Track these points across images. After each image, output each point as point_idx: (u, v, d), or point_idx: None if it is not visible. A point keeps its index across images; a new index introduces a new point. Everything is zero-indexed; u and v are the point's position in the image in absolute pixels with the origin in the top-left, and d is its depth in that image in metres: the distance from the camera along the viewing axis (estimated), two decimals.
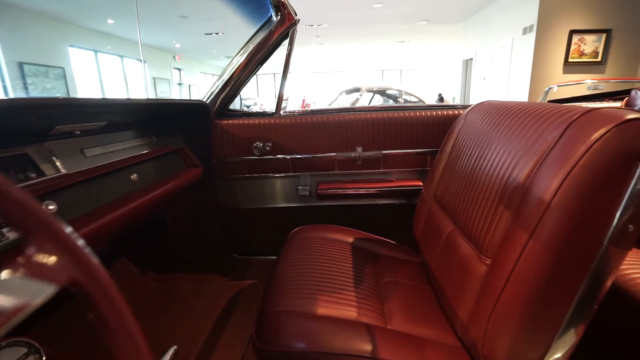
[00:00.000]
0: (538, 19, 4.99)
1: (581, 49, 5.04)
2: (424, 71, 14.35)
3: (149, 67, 9.74)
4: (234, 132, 1.28)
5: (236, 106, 1.42)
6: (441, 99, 9.10)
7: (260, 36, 1.19)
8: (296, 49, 1.34)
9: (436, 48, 11.32)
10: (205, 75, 13.53)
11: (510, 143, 0.66)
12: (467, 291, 0.67)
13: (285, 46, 1.24)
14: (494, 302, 0.57)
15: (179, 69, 11.63)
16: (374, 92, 6.11)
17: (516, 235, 0.56)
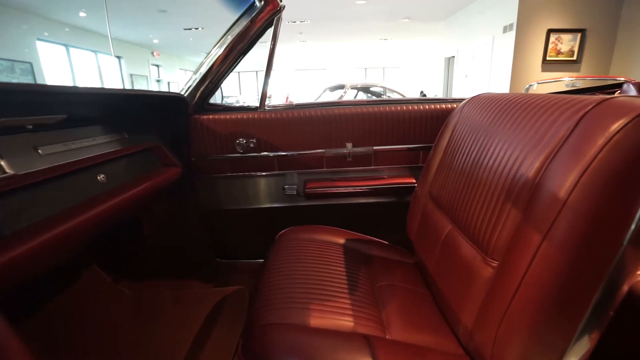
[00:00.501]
0: (518, 18, 5.08)
1: (558, 47, 5.17)
2: (406, 69, 14.49)
3: (125, 63, 9.45)
4: (215, 127, 1.20)
5: (217, 100, 1.34)
6: (424, 96, 9.20)
7: (242, 24, 1.11)
8: (279, 46, 1.27)
9: (418, 46, 11.43)
10: (185, 72, 13.23)
11: (516, 136, 0.61)
12: (471, 295, 0.62)
13: (268, 43, 1.17)
14: (504, 307, 0.53)
15: (157, 65, 11.32)
16: (358, 89, 6.09)
17: (527, 236, 0.51)
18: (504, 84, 5.46)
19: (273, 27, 1.14)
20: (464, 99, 1.00)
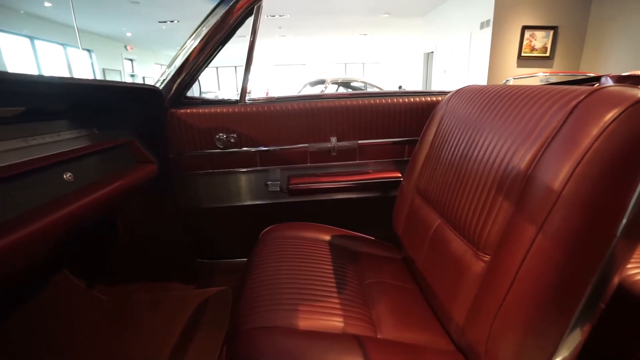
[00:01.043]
0: (494, 14, 5.19)
1: (532, 44, 5.32)
2: (386, 64, 14.60)
3: (97, 57, 9.06)
4: (192, 122, 1.14)
5: (195, 94, 1.27)
6: None
7: (219, 13, 1.05)
8: (258, 40, 1.22)
9: (398, 41, 11.52)
10: (161, 67, 12.83)
11: (506, 128, 0.60)
12: (462, 290, 0.61)
13: (247, 37, 1.11)
14: (498, 302, 0.51)
15: (131, 59, 10.91)
16: (339, 84, 6.08)
17: (521, 229, 0.50)
18: (481, 79, 5.58)
19: (253, 16, 1.09)
20: (449, 92, 0.99)
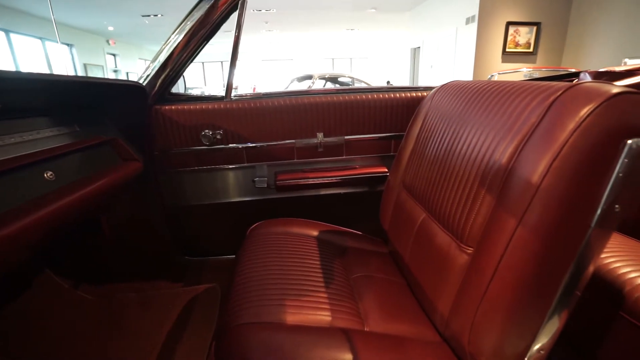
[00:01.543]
0: (479, 10, 5.25)
1: (516, 39, 5.41)
2: (373, 59, 14.61)
3: (77, 52, 8.78)
4: (178, 119, 1.12)
5: (180, 90, 1.25)
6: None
7: (203, 8, 1.04)
8: (244, 35, 1.20)
9: (385, 36, 11.54)
10: (146, 62, 12.55)
11: (488, 123, 0.61)
12: (447, 283, 0.62)
13: (233, 31, 1.10)
14: (481, 293, 0.53)
15: (114, 54, 10.63)
16: (326, 80, 6.06)
17: (502, 222, 0.52)
18: (467, 73, 5.65)
19: (238, 11, 1.08)
20: (434, 87, 1.00)
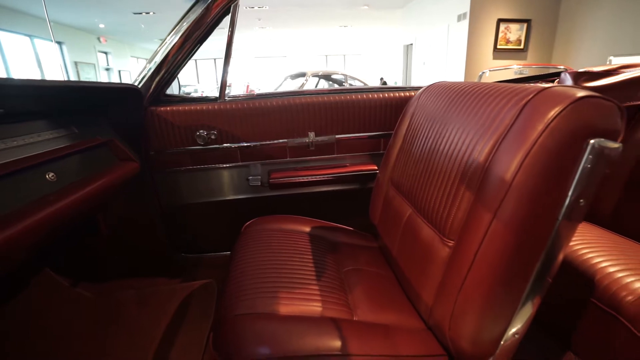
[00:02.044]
0: (470, 7, 5.29)
1: (507, 36, 5.47)
2: (366, 56, 14.62)
3: (68, 50, 8.66)
4: (173, 119, 1.15)
5: (174, 91, 1.28)
6: (384, 83, 9.33)
7: (197, 11, 1.06)
8: (237, 32, 1.22)
9: (378, 33, 11.54)
10: (138, 60, 12.42)
11: (468, 123, 0.65)
12: (431, 274, 0.66)
13: (226, 29, 1.13)
14: (459, 284, 0.57)
15: (105, 52, 10.51)
16: (320, 77, 6.06)
17: (479, 216, 0.56)
18: (459, 70, 5.70)
19: (230, 14, 1.10)
20: (421, 87, 1.04)
